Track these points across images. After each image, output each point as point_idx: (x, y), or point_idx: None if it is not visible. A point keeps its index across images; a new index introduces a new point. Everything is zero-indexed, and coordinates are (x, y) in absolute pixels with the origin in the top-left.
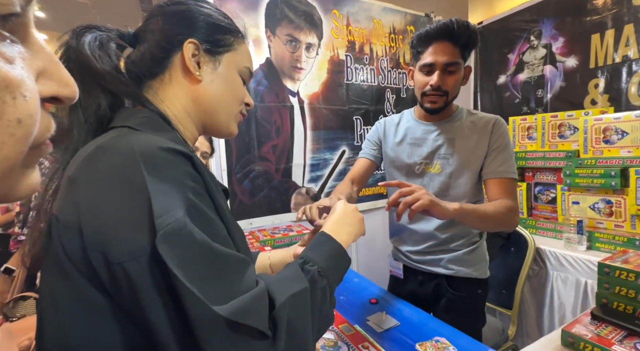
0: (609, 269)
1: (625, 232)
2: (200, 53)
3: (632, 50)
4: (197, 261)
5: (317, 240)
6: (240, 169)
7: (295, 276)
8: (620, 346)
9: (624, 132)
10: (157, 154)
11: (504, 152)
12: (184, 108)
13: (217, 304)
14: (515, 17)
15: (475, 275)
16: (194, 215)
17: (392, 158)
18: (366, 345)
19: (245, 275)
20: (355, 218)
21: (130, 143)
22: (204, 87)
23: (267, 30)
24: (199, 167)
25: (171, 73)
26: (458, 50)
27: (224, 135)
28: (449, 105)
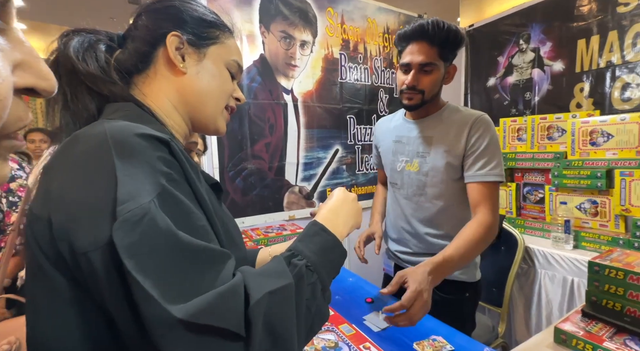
0: (598, 267)
1: (610, 231)
2: (185, 46)
3: (616, 56)
4: (158, 252)
5: (309, 230)
6: (233, 167)
7: (278, 271)
8: (611, 343)
9: (610, 134)
10: (129, 139)
11: (484, 153)
12: (169, 101)
13: (175, 302)
14: (505, 20)
15: (463, 278)
16: (166, 203)
17: (383, 156)
18: (367, 346)
19: (223, 270)
20: (353, 208)
21: (103, 130)
22: (189, 79)
23: (261, 26)
24: (177, 153)
25: (156, 67)
26: (435, 50)
27: (211, 132)
28: (428, 103)
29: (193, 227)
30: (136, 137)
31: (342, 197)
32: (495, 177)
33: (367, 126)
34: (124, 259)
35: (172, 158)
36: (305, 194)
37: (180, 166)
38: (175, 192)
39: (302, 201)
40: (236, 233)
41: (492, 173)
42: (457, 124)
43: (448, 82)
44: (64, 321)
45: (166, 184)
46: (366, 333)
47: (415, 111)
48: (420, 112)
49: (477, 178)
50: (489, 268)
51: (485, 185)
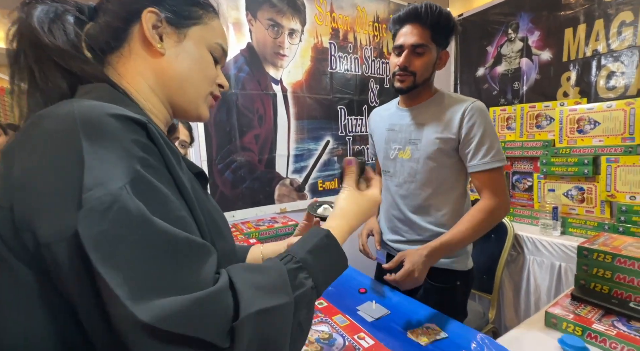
0: (587, 252)
1: (596, 217)
2: (163, 25)
3: (602, 45)
4: (129, 242)
5: (321, 242)
6: (221, 160)
7: (280, 285)
8: (600, 325)
9: (596, 122)
10: (101, 119)
11: (484, 141)
12: (147, 84)
13: (142, 300)
14: (493, 9)
15: (455, 266)
16: (140, 190)
17: (376, 145)
18: (362, 336)
19: (204, 266)
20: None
21: (71, 108)
22: (167, 62)
23: (248, 13)
24: (155, 137)
25: (131, 46)
26: (428, 32)
27: (192, 118)
28: (420, 87)
29: (171, 217)
30: (109, 117)
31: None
32: (498, 162)
33: (358, 117)
34: (88, 251)
35: (149, 142)
36: (297, 186)
37: (159, 151)
38: (151, 178)
39: (294, 193)
40: (223, 225)
41: (495, 159)
42: (450, 110)
43: (440, 67)
44: (29, 317)
45: (141, 170)
46: (360, 323)
47: (408, 98)
48: (413, 98)
49: (482, 167)
50: (479, 255)
51: (489, 172)
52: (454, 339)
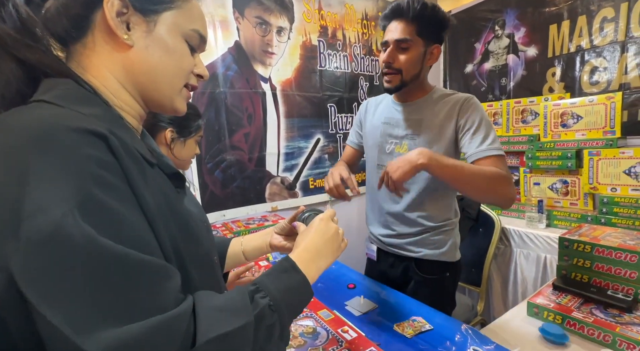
0: (568, 242)
1: (579, 209)
2: (130, 11)
3: (585, 41)
4: (70, 273)
5: (280, 265)
6: (211, 159)
7: (239, 308)
8: (579, 313)
9: (579, 116)
10: (54, 134)
11: (479, 131)
12: (115, 78)
13: (88, 332)
14: (481, 6)
15: (443, 258)
16: (91, 212)
17: (367, 136)
18: (345, 329)
19: (156, 288)
20: (333, 245)
21: (25, 120)
22: (136, 54)
23: (235, 11)
24: (116, 149)
25: (95, 36)
26: (413, 27)
27: (168, 112)
28: (409, 84)
29: (126, 238)
30: (64, 130)
31: (323, 231)
32: (496, 150)
33: (348, 114)
34: (23, 288)
35: (109, 156)
36: (288, 184)
37: (120, 165)
38: (104, 198)
39: (285, 192)
40: (199, 227)
41: (492, 147)
42: (447, 107)
43: (431, 62)
44: None
45: (93, 189)
46: (347, 317)
47: (402, 94)
48: (407, 94)
49: (480, 155)
50: (468, 249)
51: (489, 158)
52: (439, 331)
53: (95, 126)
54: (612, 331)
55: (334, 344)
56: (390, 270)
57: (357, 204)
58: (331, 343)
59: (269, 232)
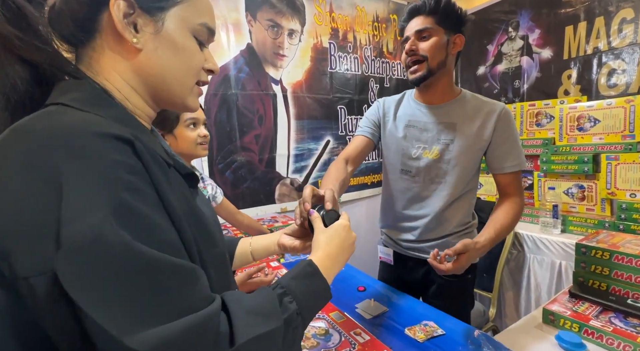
0: (585, 249)
1: (596, 215)
2: (136, 11)
3: (602, 43)
4: (111, 278)
5: (303, 270)
6: (222, 159)
7: (269, 311)
8: (597, 321)
9: (597, 119)
10: (83, 140)
11: (512, 144)
12: (125, 81)
13: (135, 332)
14: (494, 8)
15: None
16: (123, 217)
17: (388, 139)
18: (358, 331)
19: (188, 289)
20: (347, 256)
21: (50, 125)
22: (146, 57)
23: (248, 14)
24: (142, 154)
25: (103, 39)
26: (430, 18)
27: (180, 110)
28: (437, 74)
29: (156, 243)
30: (92, 136)
31: (343, 239)
32: (522, 165)
33: (358, 116)
34: (70, 293)
35: (135, 161)
36: (297, 186)
37: (146, 169)
38: (135, 203)
39: (294, 193)
40: (215, 229)
41: (519, 162)
42: (482, 113)
43: (456, 50)
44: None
45: (125, 196)
46: (357, 320)
47: (429, 91)
48: (434, 95)
49: (507, 170)
50: None
51: (513, 175)
52: (451, 336)
53: (121, 131)
54: (633, 341)
55: (347, 346)
56: (409, 274)
57: (365, 209)
58: (344, 346)
59: (277, 233)
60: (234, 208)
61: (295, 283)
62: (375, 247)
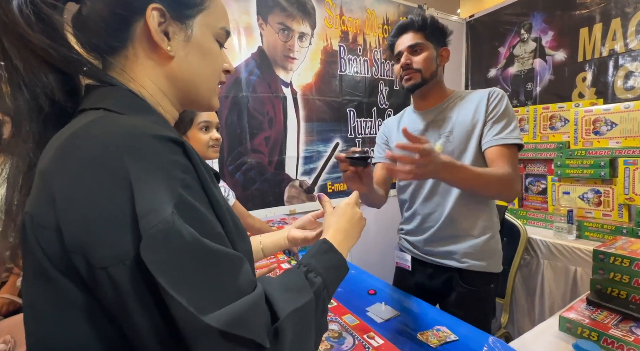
0: (603, 256)
1: (613, 220)
2: (168, 20)
3: (619, 44)
4: (186, 265)
5: (320, 248)
6: (232, 161)
7: (301, 287)
8: (617, 330)
9: (613, 123)
10: (143, 141)
11: (501, 119)
12: (158, 88)
13: (208, 312)
14: (506, 10)
15: (490, 269)
16: (184, 212)
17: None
18: (371, 335)
19: (240, 274)
20: (358, 230)
21: (110, 129)
22: (178, 64)
23: (259, 17)
24: (192, 155)
25: (135, 47)
26: (420, 34)
27: (203, 110)
28: (430, 83)
29: (210, 235)
30: (150, 138)
31: (350, 216)
32: (514, 139)
33: (367, 119)
34: (157, 277)
35: (186, 161)
36: (306, 188)
37: (195, 169)
38: (190, 199)
39: (303, 195)
40: (241, 225)
41: (511, 136)
42: (476, 99)
43: (443, 62)
44: (74, 330)
45: (183, 192)
46: (370, 323)
47: (423, 99)
48: (428, 101)
49: (494, 143)
50: None
51: (503, 147)
52: (464, 342)
53: (173, 134)
54: None
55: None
56: (429, 281)
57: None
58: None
59: (286, 229)
60: (246, 211)
61: (315, 260)
62: (384, 252)
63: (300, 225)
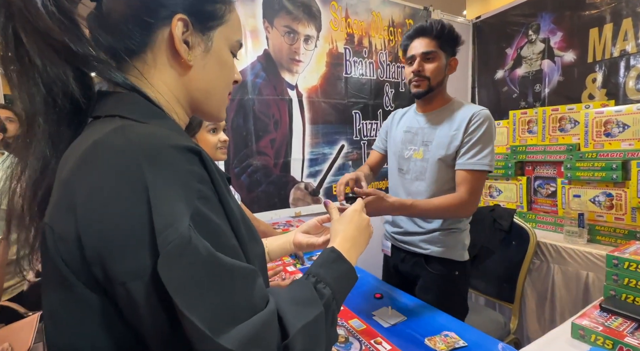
0: (617, 261)
1: (626, 224)
2: (190, 31)
3: (630, 45)
4: (202, 282)
5: (328, 257)
6: (238, 164)
7: (309, 299)
8: (632, 338)
9: (625, 124)
10: (162, 152)
11: (476, 144)
12: (174, 95)
13: (223, 333)
14: (513, 11)
15: (450, 255)
16: (199, 225)
17: (390, 144)
18: (378, 341)
19: (255, 290)
20: (366, 237)
21: (130, 139)
22: (195, 73)
23: (265, 21)
24: (208, 163)
25: (155, 53)
26: (435, 42)
27: (211, 120)
28: (435, 90)
29: (225, 248)
30: (168, 148)
31: (358, 223)
32: (483, 166)
33: (372, 121)
34: (173, 296)
35: (202, 171)
36: (311, 190)
37: (211, 178)
38: (206, 211)
39: (308, 197)
40: (254, 228)
41: (481, 162)
42: (460, 117)
43: (450, 72)
44: (92, 336)
45: (198, 204)
46: (376, 328)
47: (424, 103)
48: (428, 104)
49: (466, 166)
50: (499, 263)
51: (471, 172)
52: (473, 348)
53: (189, 143)
54: None
55: None
56: (401, 264)
57: None
58: None
59: (292, 232)
60: (251, 214)
61: (324, 270)
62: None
63: (306, 230)
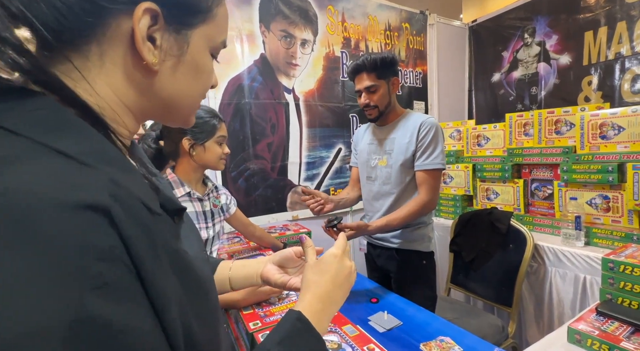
0: (613, 264)
1: (623, 227)
2: (160, 26)
3: (625, 47)
4: None
5: (293, 326)
6: (235, 167)
7: None
8: (629, 343)
9: (621, 127)
10: (37, 218)
11: (428, 148)
12: (121, 101)
13: None
14: (509, 14)
15: (417, 247)
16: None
17: (359, 156)
18: (371, 347)
19: None
20: (345, 291)
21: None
22: (160, 80)
23: (262, 25)
24: (121, 224)
25: (103, 48)
26: (373, 75)
27: (175, 126)
28: (386, 112)
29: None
30: (53, 210)
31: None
32: (436, 165)
33: None
34: None
35: (111, 240)
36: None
37: (125, 243)
38: (103, 310)
39: None
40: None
41: (434, 162)
42: (412, 126)
43: (395, 90)
44: None
45: (89, 300)
46: (371, 333)
47: (382, 121)
48: (385, 120)
49: (422, 167)
50: (496, 266)
51: (427, 172)
52: None
53: (95, 190)
54: None
55: None
56: (378, 259)
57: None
58: None
59: (263, 261)
60: (247, 220)
61: (284, 348)
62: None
63: (279, 262)
